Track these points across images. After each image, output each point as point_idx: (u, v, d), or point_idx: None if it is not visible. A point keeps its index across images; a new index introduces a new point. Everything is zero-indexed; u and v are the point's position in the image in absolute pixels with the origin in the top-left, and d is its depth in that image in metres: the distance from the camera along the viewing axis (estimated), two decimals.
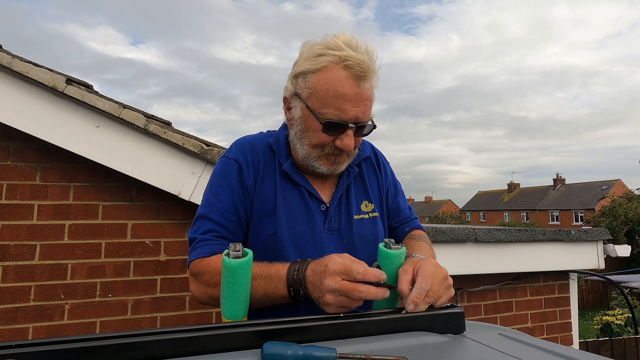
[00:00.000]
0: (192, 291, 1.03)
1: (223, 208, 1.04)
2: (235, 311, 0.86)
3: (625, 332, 8.52)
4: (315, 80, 0.97)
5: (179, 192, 2.04)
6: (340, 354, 0.62)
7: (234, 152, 1.09)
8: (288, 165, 1.08)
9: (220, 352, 0.65)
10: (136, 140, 2.03)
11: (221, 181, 1.07)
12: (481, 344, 0.72)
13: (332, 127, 0.97)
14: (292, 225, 1.04)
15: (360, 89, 0.96)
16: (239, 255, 0.82)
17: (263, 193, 1.06)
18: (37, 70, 1.88)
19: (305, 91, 0.99)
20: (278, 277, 0.90)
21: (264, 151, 1.10)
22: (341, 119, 0.96)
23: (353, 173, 1.14)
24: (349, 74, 0.94)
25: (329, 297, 0.80)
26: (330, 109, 0.95)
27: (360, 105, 0.97)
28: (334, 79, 0.95)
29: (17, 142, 2.01)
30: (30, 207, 1.99)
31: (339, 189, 1.11)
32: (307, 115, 0.99)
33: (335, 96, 0.95)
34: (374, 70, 0.98)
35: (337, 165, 1.05)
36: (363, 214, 1.12)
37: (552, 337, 3.02)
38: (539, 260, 2.83)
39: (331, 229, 1.08)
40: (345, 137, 0.98)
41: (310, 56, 0.98)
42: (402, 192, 1.30)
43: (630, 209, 21.01)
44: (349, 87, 0.94)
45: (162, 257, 2.16)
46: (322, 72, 0.96)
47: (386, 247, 0.95)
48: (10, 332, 1.91)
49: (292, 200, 1.06)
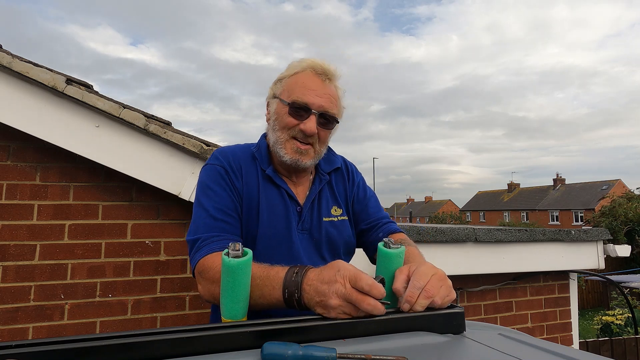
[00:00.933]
0: (199, 291, 1.06)
1: (220, 207, 1.11)
2: (235, 310, 0.86)
3: (625, 332, 8.52)
4: (289, 80, 1.18)
5: (179, 192, 2.05)
6: (340, 354, 0.62)
7: (218, 159, 1.19)
8: (270, 170, 1.21)
9: (220, 352, 0.65)
10: (136, 140, 2.03)
11: (212, 185, 1.14)
12: (481, 344, 0.72)
13: (296, 109, 1.13)
14: (272, 222, 1.16)
15: (324, 85, 1.16)
16: (238, 254, 0.82)
17: (249, 194, 1.17)
18: (37, 70, 1.88)
19: (281, 89, 1.19)
20: (277, 279, 0.89)
21: (245, 158, 1.22)
22: (303, 100, 1.13)
23: (324, 180, 1.28)
24: (314, 73, 1.16)
25: (334, 302, 0.78)
26: (295, 94, 1.14)
27: (323, 96, 1.14)
28: (304, 77, 1.16)
29: (17, 142, 2.01)
30: (30, 207, 1.99)
31: (311, 193, 1.24)
32: (279, 106, 1.18)
33: (302, 86, 1.14)
34: (336, 76, 1.20)
35: (300, 156, 1.16)
36: (332, 217, 1.26)
37: (552, 337, 3.02)
38: (539, 260, 2.83)
39: (303, 229, 1.20)
40: (308, 121, 1.13)
41: (289, 66, 1.22)
42: (374, 198, 1.39)
43: (630, 209, 21.00)
44: (313, 80, 1.15)
45: (162, 257, 2.17)
46: (296, 74, 1.18)
47: (385, 247, 0.95)
48: (10, 332, 1.91)
49: (274, 200, 1.18)
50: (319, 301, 0.81)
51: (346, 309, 0.78)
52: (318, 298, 0.81)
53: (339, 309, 0.78)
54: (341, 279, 0.80)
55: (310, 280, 0.84)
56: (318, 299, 0.81)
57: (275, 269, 0.92)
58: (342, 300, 0.78)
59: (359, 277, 0.79)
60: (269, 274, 0.91)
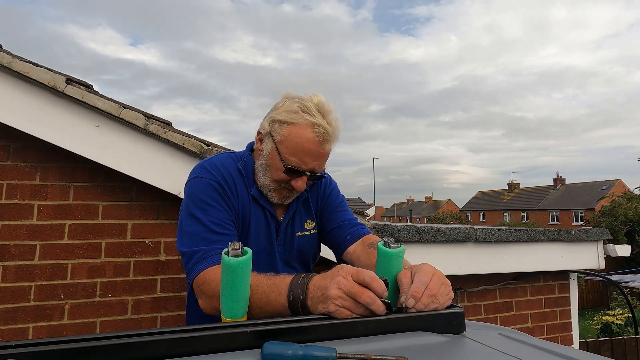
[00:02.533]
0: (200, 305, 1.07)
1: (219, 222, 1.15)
2: (234, 310, 0.86)
3: (625, 332, 8.51)
4: (288, 131, 1.17)
5: (179, 192, 2.04)
6: (340, 354, 0.62)
7: (211, 173, 1.22)
8: (255, 190, 1.27)
9: (220, 352, 0.65)
10: (136, 140, 2.03)
11: (208, 200, 1.17)
12: (481, 344, 0.72)
13: (292, 172, 1.19)
14: (259, 239, 1.27)
15: (322, 150, 1.19)
16: (238, 253, 0.82)
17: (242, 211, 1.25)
18: (37, 70, 1.88)
19: (278, 136, 1.19)
20: (283, 284, 0.90)
21: (235, 174, 1.26)
22: (301, 168, 1.19)
23: (301, 198, 1.37)
24: (315, 137, 1.16)
25: (334, 292, 0.78)
26: (294, 158, 1.18)
27: (319, 160, 1.20)
28: (303, 137, 1.16)
29: (17, 142, 2.01)
30: (30, 207, 1.99)
31: (288, 213, 1.33)
32: (275, 156, 1.20)
33: (301, 150, 1.17)
34: (335, 137, 1.22)
35: (287, 199, 1.28)
36: (305, 231, 1.37)
37: (552, 337, 3.02)
38: (539, 260, 2.83)
39: (279, 244, 1.32)
40: (299, 180, 1.21)
41: (288, 110, 1.18)
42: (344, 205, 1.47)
43: (630, 209, 21.00)
44: (313, 146, 1.17)
45: (162, 257, 2.17)
46: (296, 127, 1.16)
47: (385, 246, 0.94)
48: (10, 332, 1.91)
49: (259, 218, 1.28)
50: (320, 295, 0.81)
51: (346, 302, 0.78)
52: (319, 292, 0.81)
53: (338, 301, 0.77)
54: (343, 273, 0.82)
55: (314, 282, 0.86)
56: (319, 293, 0.81)
57: (281, 276, 0.94)
58: (342, 292, 0.78)
59: (361, 271, 0.81)
60: (275, 281, 0.93)
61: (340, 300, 0.78)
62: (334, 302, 0.78)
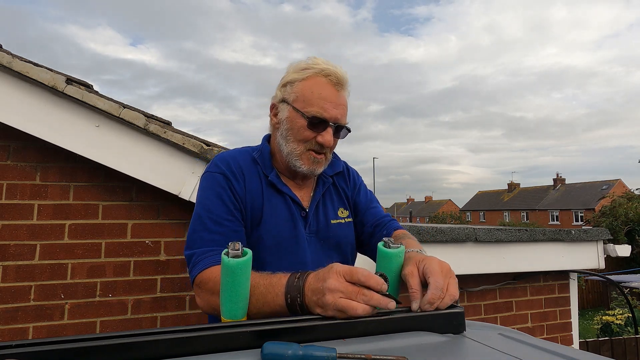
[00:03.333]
0: (198, 303, 1.06)
1: (216, 218, 1.10)
2: (234, 311, 0.86)
3: (625, 332, 8.51)
4: (301, 85, 1.15)
5: (179, 192, 2.04)
6: (340, 354, 0.62)
7: (217, 166, 1.18)
8: (273, 175, 1.20)
9: (220, 352, 0.65)
10: (136, 140, 2.03)
11: (209, 194, 1.14)
12: (481, 344, 0.72)
13: (315, 123, 1.13)
14: (278, 230, 1.16)
15: (338, 94, 1.15)
16: (238, 254, 0.82)
17: (252, 200, 1.16)
18: (37, 70, 1.88)
19: (292, 95, 1.15)
20: (279, 285, 0.89)
21: (246, 163, 1.21)
22: (323, 116, 1.12)
23: (327, 183, 1.29)
24: (329, 81, 1.14)
25: (329, 297, 0.78)
26: (314, 107, 1.12)
27: (339, 107, 1.15)
28: (318, 84, 1.14)
29: (17, 142, 2.01)
30: (30, 207, 1.99)
31: (315, 196, 1.25)
32: (294, 115, 1.15)
33: (319, 97, 1.12)
34: (347, 82, 1.18)
35: (316, 165, 1.18)
36: (340, 219, 1.28)
37: (552, 337, 3.02)
38: (539, 260, 2.83)
39: (310, 232, 1.21)
40: (326, 134, 1.14)
41: (297, 69, 1.17)
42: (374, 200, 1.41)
43: (631, 209, 21.00)
44: (329, 91, 1.14)
45: (162, 257, 2.17)
46: (307, 80, 1.15)
47: (385, 247, 0.95)
48: (10, 332, 1.91)
49: (277, 206, 1.18)
50: (316, 300, 0.80)
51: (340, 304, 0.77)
52: (315, 297, 0.81)
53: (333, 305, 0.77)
54: (334, 275, 0.80)
55: (309, 283, 0.84)
56: (315, 297, 0.81)
57: (277, 275, 0.92)
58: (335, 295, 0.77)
59: (354, 271, 0.80)
60: (271, 281, 0.91)
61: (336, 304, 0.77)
62: (330, 307, 0.77)
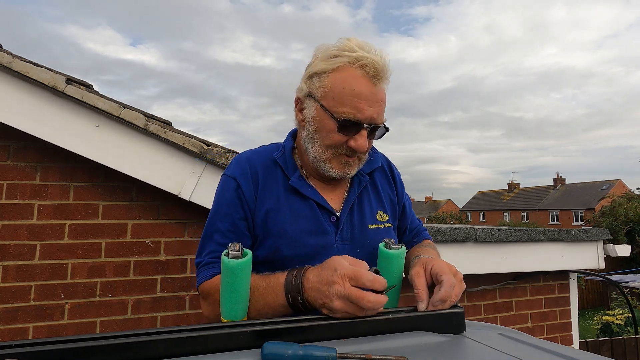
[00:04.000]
0: (204, 312, 1.04)
1: (223, 227, 1.04)
2: (234, 311, 0.86)
3: (625, 332, 8.52)
4: (331, 79, 0.97)
5: (179, 191, 2.04)
6: (340, 354, 0.62)
7: (232, 169, 1.08)
8: (295, 178, 1.05)
9: (220, 352, 0.65)
10: (136, 140, 2.03)
11: (220, 200, 1.06)
12: (481, 344, 0.72)
13: (347, 127, 0.96)
14: (298, 240, 1.01)
15: (376, 89, 0.96)
16: (238, 255, 0.82)
17: (265, 208, 1.03)
18: (37, 70, 1.88)
19: (321, 90, 0.98)
20: (277, 285, 0.87)
21: (265, 165, 1.08)
22: (357, 118, 0.95)
23: (364, 182, 1.12)
24: (364, 73, 0.95)
25: (337, 304, 0.76)
26: (346, 108, 0.95)
27: (375, 105, 0.96)
28: (350, 77, 0.95)
29: (17, 142, 2.01)
30: (30, 207, 1.99)
31: (350, 198, 1.09)
32: (322, 115, 0.98)
33: (351, 95, 0.94)
34: (387, 72, 0.98)
35: (349, 169, 1.03)
36: (379, 224, 1.10)
37: (552, 337, 3.02)
38: (539, 260, 2.83)
39: (343, 240, 1.05)
40: (359, 138, 0.97)
41: (325, 57, 0.99)
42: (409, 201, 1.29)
43: (631, 209, 21.00)
44: (364, 86, 0.95)
45: (162, 257, 2.16)
46: (338, 71, 0.96)
47: (386, 247, 0.95)
48: (10, 331, 1.91)
49: (300, 214, 1.03)
50: (323, 303, 0.79)
51: (349, 308, 0.76)
52: (321, 300, 0.79)
53: (342, 310, 0.76)
54: (339, 279, 0.77)
55: (309, 282, 0.83)
56: (321, 301, 0.79)
57: (275, 275, 0.90)
58: (343, 300, 0.76)
59: (359, 275, 0.77)
60: (269, 281, 0.89)
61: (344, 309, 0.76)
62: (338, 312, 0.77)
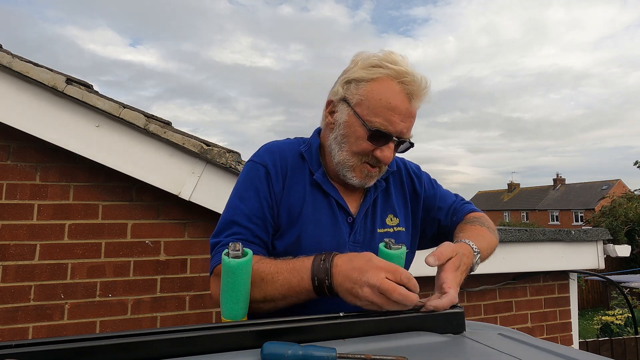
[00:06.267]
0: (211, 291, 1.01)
1: (249, 212, 1.02)
2: (235, 311, 0.86)
3: (625, 332, 8.52)
4: (368, 88, 0.99)
5: (179, 191, 2.05)
6: (340, 354, 0.62)
7: (262, 156, 1.08)
8: (319, 174, 1.08)
9: (220, 352, 0.65)
10: (136, 140, 2.03)
11: (247, 185, 1.05)
12: (481, 344, 0.72)
13: (377, 137, 0.98)
14: (317, 234, 1.03)
15: (411, 106, 0.99)
16: (238, 255, 0.82)
17: (290, 200, 1.05)
18: (37, 70, 1.88)
19: (356, 97, 1.00)
20: (303, 268, 0.87)
21: (293, 158, 1.09)
22: (388, 130, 0.98)
23: (380, 187, 1.14)
24: (403, 89, 0.97)
25: (366, 291, 0.78)
26: (379, 119, 0.97)
27: (407, 121, 0.99)
28: (389, 90, 0.97)
29: (17, 142, 2.01)
30: (30, 207, 1.99)
31: (366, 202, 1.11)
32: (354, 122, 1.00)
33: (387, 107, 0.97)
34: (425, 93, 1.01)
35: (369, 179, 1.05)
36: (387, 228, 1.12)
37: (552, 337, 3.02)
38: (539, 260, 2.83)
39: (355, 242, 1.07)
40: (386, 149, 1.00)
41: (366, 65, 1.00)
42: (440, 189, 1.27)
43: (630, 209, 21.04)
44: (401, 101, 0.97)
45: (162, 257, 2.16)
46: (377, 82, 0.98)
47: (386, 247, 0.95)
48: (10, 331, 1.91)
49: (321, 209, 1.06)
50: (349, 288, 0.80)
51: (376, 298, 0.77)
52: (349, 285, 0.81)
53: (369, 299, 0.78)
54: (374, 269, 0.79)
55: (339, 267, 0.84)
56: (349, 285, 0.81)
57: (300, 259, 0.90)
58: (373, 290, 0.78)
59: (398, 270, 0.80)
60: (294, 265, 0.89)
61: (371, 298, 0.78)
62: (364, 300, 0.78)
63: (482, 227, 1.12)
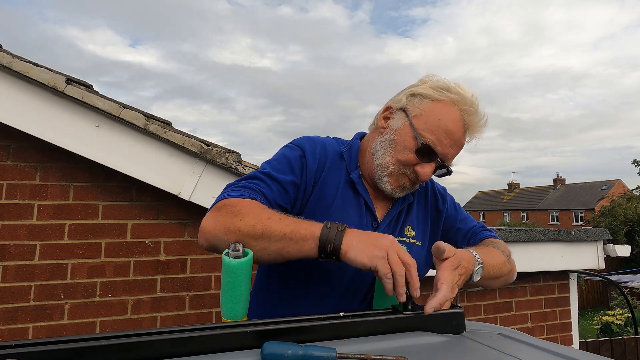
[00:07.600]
0: (205, 226, 0.94)
1: (276, 177, 1.02)
2: (235, 311, 0.86)
3: (625, 332, 8.52)
4: (431, 106, 1.03)
5: (179, 192, 2.05)
6: (340, 354, 0.62)
7: (302, 143, 1.10)
8: (356, 175, 1.11)
9: (220, 352, 0.65)
10: (136, 140, 2.03)
11: (282, 160, 1.07)
12: (481, 344, 0.72)
13: (424, 152, 1.02)
14: None
15: (463, 136, 1.05)
16: (239, 255, 0.82)
17: (324, 189, 1.07)
18: (37, 70, 1.88)
19: (417, 110, 1.04)
20: (310, 221, 0.89)
21: (333, 154, 1.12)
22: (436, 149, 1.02)
23: (408, 200, 1.17)
24: (462, 117, 1.03)
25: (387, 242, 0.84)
26: (432, 136, 1.02)
27: (455, 148, 1.05)
28: (449, 114, 1.02)
29: (17, 142, 2.01)
30: (30, 207, 1.99)
31: (392, 211, 1.13)
32: (407, 132, 1.04)
33: (443, 129, 1.02)
34: (480, 131, 1.07)
35: (401, 190, 1.08)
36: (404, 237, 1.15)
37: (552, 337, 3.02)
38: (539, 260, 2.83)
39: None
40: (427, 166, 1.04)
41: (435, 86, 1.06)
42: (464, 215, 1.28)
43: (630, 209, 21.03)
44: (457, 128, 1.03)
45: (162, 257, 2.16)
46: (441, 103, 1.03)
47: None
48: (10, 332, 1.91)
49: (350, 207, 1.08)
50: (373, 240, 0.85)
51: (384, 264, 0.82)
52: (371, 237, 0.86)
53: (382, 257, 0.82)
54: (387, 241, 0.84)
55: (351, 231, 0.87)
56: (371, 238, 0.86)
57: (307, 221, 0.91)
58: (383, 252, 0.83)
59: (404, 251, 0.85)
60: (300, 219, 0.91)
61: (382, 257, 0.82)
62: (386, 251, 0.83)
63: (496, 250, 1.12)
